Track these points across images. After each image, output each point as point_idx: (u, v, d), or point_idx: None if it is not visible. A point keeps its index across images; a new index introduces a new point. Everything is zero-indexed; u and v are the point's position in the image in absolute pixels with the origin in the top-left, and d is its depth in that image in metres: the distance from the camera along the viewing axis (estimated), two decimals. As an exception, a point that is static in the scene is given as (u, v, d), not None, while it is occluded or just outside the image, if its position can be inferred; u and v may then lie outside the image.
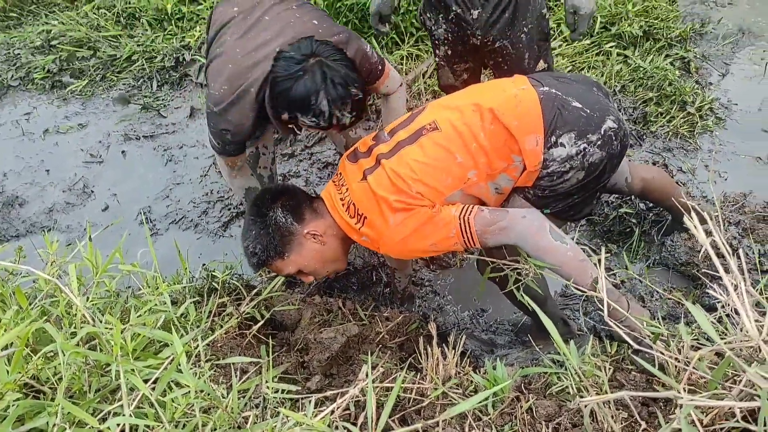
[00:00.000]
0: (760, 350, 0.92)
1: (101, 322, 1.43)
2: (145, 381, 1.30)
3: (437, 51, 2.66)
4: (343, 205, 1.97)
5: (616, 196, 3.00)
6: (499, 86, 1.97)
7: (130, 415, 1.21)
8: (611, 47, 3.85)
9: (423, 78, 3.71)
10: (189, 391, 1.25)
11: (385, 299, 2.81)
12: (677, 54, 3.96)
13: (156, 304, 1.66)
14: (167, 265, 2.18)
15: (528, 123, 1.82)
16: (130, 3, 4.31)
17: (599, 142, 1.84)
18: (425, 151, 1.87)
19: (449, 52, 2.61)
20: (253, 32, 2.14)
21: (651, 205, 2.88)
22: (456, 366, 1.66)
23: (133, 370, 1.31)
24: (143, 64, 4.09)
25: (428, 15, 2.56)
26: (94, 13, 4.32)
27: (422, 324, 2.40)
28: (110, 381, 1.37)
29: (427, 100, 3.58)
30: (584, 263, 1.77)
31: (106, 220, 3.28)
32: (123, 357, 1.35)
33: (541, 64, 2.58)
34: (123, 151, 3.69)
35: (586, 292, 1.58)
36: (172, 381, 1.36)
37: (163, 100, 3.96)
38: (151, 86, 4.05)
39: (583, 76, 2.07)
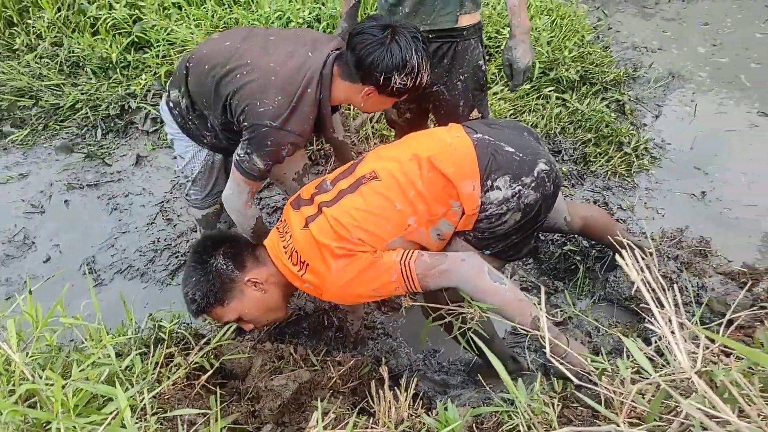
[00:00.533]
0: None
1: (41, 378, 1.39)
2: (88, 438, 1.26)
3: None
4: (285, 252, 1.99)
5: (560, 234, 3.08)
6: (435, 135, 2.06)
7: (72, 475, 1.16)
8: (550, 91, 4.01)
9: (371, 123, 3.77)
10: (134, 447, 1.22)
11: (337, 344, 2.80)
12: (612, 97, 4.15)
13: (99, 357, 1.61)
14: (113, 317, 2.12)
15: (464, 169, 1.91)
16: (73, 52, 4.27)
17: (533, 184, 1.93)
18: (366, 199, 1.92)
19: None
20: (271, 50, 2.16)
21: (594, 242, 2.98)
22: (408, 408, 1.66)
23: (75, 427, 1.27)
24: (87, 113, 4.04)
25: None
26: (36, 62, 4.26)
27: (375, 367, 2.40)
28: (51, 440, 1.32)
29: (374, 144, 3.63)
30: (523, 302, 1.82)
31: (48, 272, 3.17)
32: (64, 414, 1.31)
33: (475, 114, 2.69)
34: (66, 201, 3.60)
35: (528, 331, 1.62)
36: (116, 437, 1.32)
37: (107, 148, 3.91)
38: (96, 134, 4.00)
39: (513, 122, 2.18)
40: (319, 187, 2.07)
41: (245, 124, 2.13)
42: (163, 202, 3.56)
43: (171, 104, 2.40)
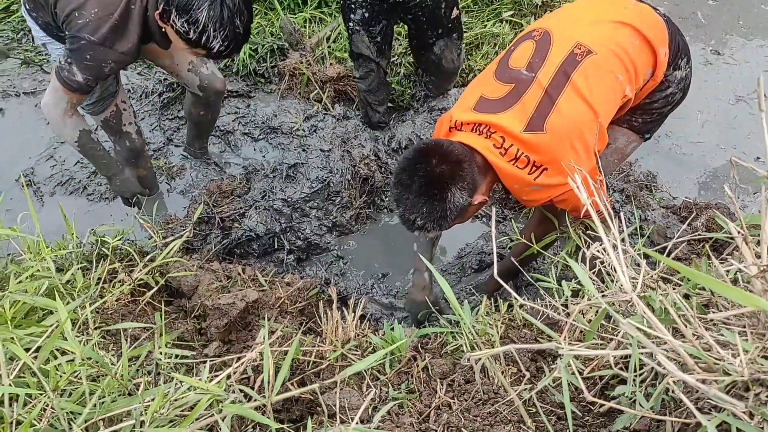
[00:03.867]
0: (635, 305, 0.99)
1: (-24, 289, 1.34)
2: (27, 350, 1.23)
3: (352, 16, 2.65)
4: (504, 156, 1.79)
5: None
6: (610, 4, 1.96)
7: (10, 385, 1.14)
8: (510, 17, 3.92)
9: (326, 42, 3.65)
10: (74, 359, 1.20)
11: (286, 266, 2.79)
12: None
13: (38, 270, 1.56)
14: (54, 233, 2.05)
15: (658, 35, 1.87)
16: (7, -52, 3.96)
17: (690, 68, 1.98)
18: (589, 79, 1.77)
19: (366, 15, 2.62)
20: None
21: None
22: (356, 329, 1.68)
23: (12, 338, 1.24)
24: (23, 16, 3.78)
25: None
26: (-35, -43, 3.94)
27: (323, 289, 2.41)
28: (-13, 351, 1.28)
29: (330, 64, 3.52)
30: None
31: (-17, 184, 3.04)
32: (1, 325, 1.27)
33: (455, 12, 2.72)
34: (1, 109, 3.41)
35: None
36: (57, 350, 1.30)
37: (46, 54, 3.67)
38: (33, 39, 3.75)
39: None
40: (513, 80, 1.82)
41: (67, 33, 2.04)
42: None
43: (27, 6, 2.26)
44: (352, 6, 2.62)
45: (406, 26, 2.85)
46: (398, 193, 1.80)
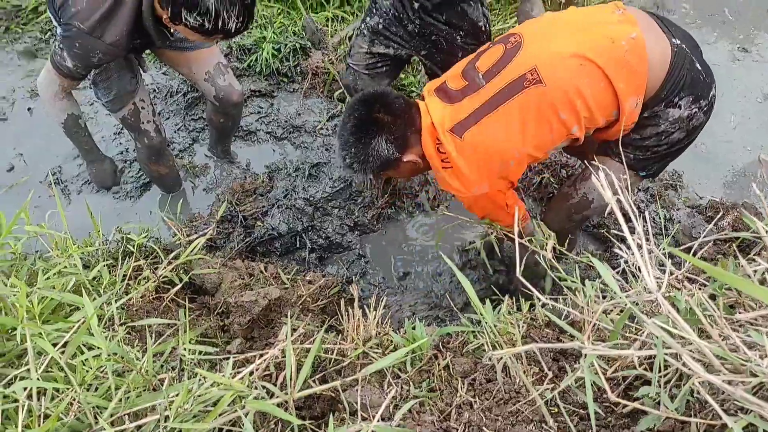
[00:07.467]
0: (660, 305, 0.98)
1: (5, 285, 1.36)
2: (54, 345, 1.26)
3: (368, 18, 2.48)
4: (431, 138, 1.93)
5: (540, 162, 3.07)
6: (606, 29, 1.81)
7: (38, 379, 1.16)
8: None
9: (349, 41, 3.66)
10: (100, 354, 1.21)
11: (308, 264, 2.81)
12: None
13: (65, 267, 1.59)
14: (81, 230, 2.08)
15: (632, 84, 1.78)
16: (37, -51, 4.03)
17: (705, 108, 1.87)
18: (528, 111, 1.79)
19: (380, 27, 2.46)
20: None
21: (571, 173, 2.98)
22: (377, 327, 1.68)
23: (40, 333, 1.26)
24: (51, 17, 3.84)
25: None
26: (-5, -41, 4.02)
27: (344, 287, 2.42)
28: (16, 345, 1.31)
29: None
30: None
31: (11, 182, 3.09)
32: (30, 320, 1.29)
33: None
34: (29, 108, 3.47)
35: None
36: (84, 345, 1.32)
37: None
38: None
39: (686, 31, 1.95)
40: (469, 79, 1.88)
41: (61, 19, 2.07)
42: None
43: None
44: (374, 9, 2.46)
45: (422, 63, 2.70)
46: (339, 129, 1.97)
